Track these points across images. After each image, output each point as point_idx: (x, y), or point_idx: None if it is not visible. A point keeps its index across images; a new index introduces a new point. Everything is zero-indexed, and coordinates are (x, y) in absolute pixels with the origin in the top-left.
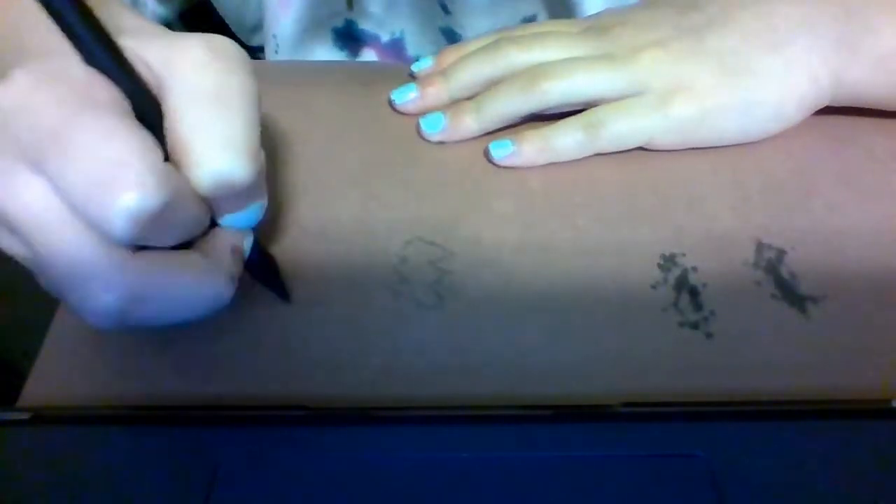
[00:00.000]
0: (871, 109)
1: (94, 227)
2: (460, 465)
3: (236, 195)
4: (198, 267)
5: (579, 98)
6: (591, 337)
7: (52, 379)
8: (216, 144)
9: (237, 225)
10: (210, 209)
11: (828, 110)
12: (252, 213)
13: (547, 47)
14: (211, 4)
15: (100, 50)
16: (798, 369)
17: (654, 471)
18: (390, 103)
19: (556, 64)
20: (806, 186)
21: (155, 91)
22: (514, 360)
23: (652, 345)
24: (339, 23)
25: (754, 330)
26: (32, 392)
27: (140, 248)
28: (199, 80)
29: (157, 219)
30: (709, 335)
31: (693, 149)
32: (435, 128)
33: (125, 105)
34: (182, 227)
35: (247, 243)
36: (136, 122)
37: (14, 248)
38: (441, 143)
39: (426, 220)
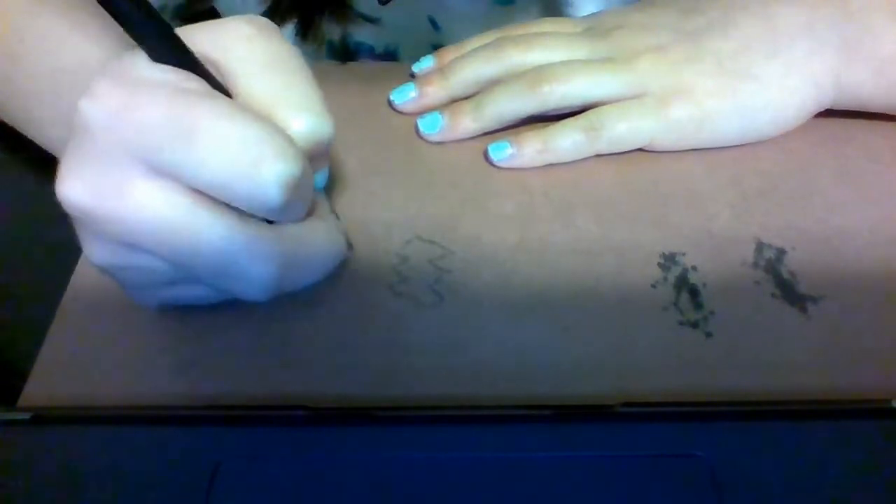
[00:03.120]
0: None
1: (242, 204)
2: (460, 465)
3: (319, 154)
4: (322, 231)
5: (579, 101)
6: (590, 336)
7: (52, 379)
8: (297, 107)
9: (316, 186)
10: None
11: (827, 110)
12: (323, 175)
13: (547, 48)
14: (210, 12)
15: (170, 48)
16: (798, 369)
17: (654, 471)
18: (389, 103)
19: (557, 66)
20: (806, 186)
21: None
22: (513, 360)
23: (652, 344)
24: (335, 35)
25: (754, 329)
26: (32, 392)
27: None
28: (255, 52)
29: (299, 184)
30: (708, 334)
31: (693, 149)
32: (433, 128)
33: (214, 90)
34: (308, 194)
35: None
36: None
37: (116, 262)
38: (440, 143)
39: (426, 220)
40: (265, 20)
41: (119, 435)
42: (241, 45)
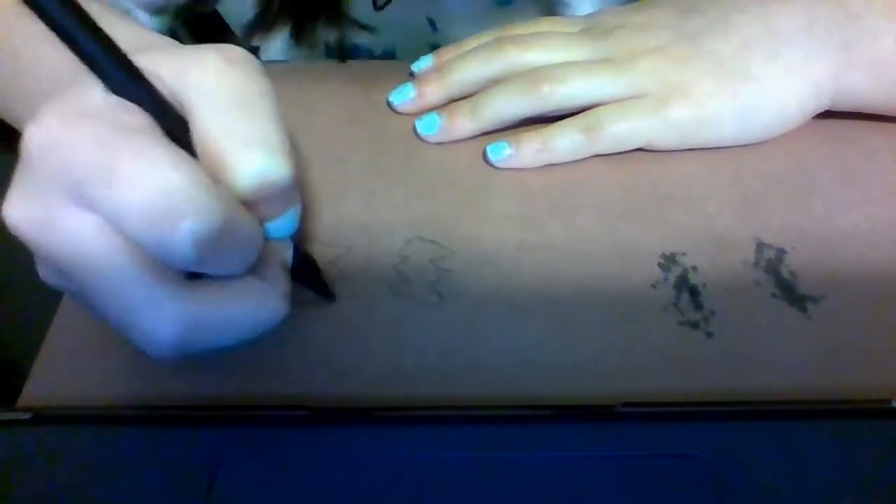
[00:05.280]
0: None
1: (155, 255)
2: (460, 465)
3: (275, 198)
4: (254, 291)
5: (578, 102)
6: (591, 336)
7: (53, 379)
8: (249, 145)
9: (278, 234)
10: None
11: (828, 110)
12: (290, 219)
13: (546, 48)
14: (212, 15)
15: (122, 76)
16: (798, 368)
17: (653, 471)
18: (389, 104)
19: (556, 67)
20: (806, 186)
21: (176, 107)
22: (513, 360)
23: (652, 344)
24: (331, 38)
25: (754, 329)
26: (32, 392)
27: (195, 277)
28: (219, 86)
29: (217, 240)
30: (709, 334)
31: (693, 149)
32: (431, 129)
33: (156, 128)
34: (240, 249)
35: (289, 253)
36: (173, 144)
37: (60, 284)
38: (439, 143)
39: (427, 220)
40: (242, 52)
41: (119, 435)
42: (207, 77)
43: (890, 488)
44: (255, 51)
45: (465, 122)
